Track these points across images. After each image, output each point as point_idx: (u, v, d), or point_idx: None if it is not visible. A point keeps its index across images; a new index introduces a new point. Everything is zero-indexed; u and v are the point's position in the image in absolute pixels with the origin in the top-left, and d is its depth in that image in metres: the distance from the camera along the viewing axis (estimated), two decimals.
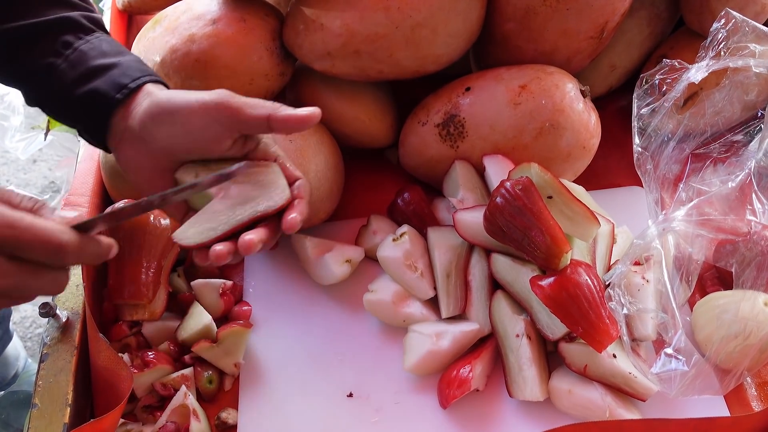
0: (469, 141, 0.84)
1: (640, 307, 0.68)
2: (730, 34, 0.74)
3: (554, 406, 0.74)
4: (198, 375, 0.76)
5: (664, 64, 0.80)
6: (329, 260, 0.82)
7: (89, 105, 0.66)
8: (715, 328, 0.72)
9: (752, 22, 0.74)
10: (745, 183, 0.69)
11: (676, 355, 0.66)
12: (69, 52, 0.67)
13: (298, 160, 0.81)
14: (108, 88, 0.66)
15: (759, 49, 0.73)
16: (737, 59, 0.72)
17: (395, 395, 0.76)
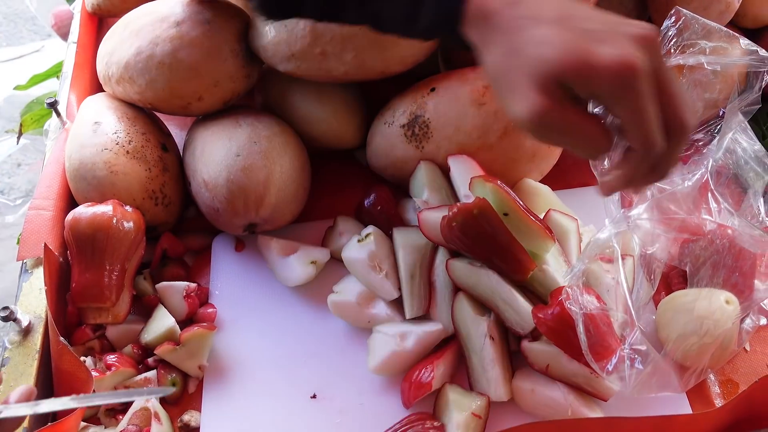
0: (434, 141, 0.84)
1: (598, 305, 0.68)
2: (680, 31, 0.74)
3: (518, 405, 0.74)
4: (161, 378, 0.76)
5: None
6: (294, 261, 0.82)
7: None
8: (674, 326, 0.72)
9: (702, 19, 0.74)
10: (701, 182, 0.69)
11: (632, 354, 0.66)
12: None
13: (263, 161, 0.81)
14: None
15: (709, 45, 0.74)
16: (688, 56, 0.73)
17: (359, 396, 0.76)
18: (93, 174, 0.81)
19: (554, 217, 0.80)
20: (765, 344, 0.79)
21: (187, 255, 0.88)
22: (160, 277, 0.84)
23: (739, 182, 0.78)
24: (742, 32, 0.96)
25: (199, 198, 0.84)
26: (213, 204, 0.82)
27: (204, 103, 0.85)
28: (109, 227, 0.77)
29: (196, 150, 0.85)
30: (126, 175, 0.81)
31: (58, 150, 0.88)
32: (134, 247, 0.79)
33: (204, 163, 0.83)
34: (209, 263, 0.88)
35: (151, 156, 0.84)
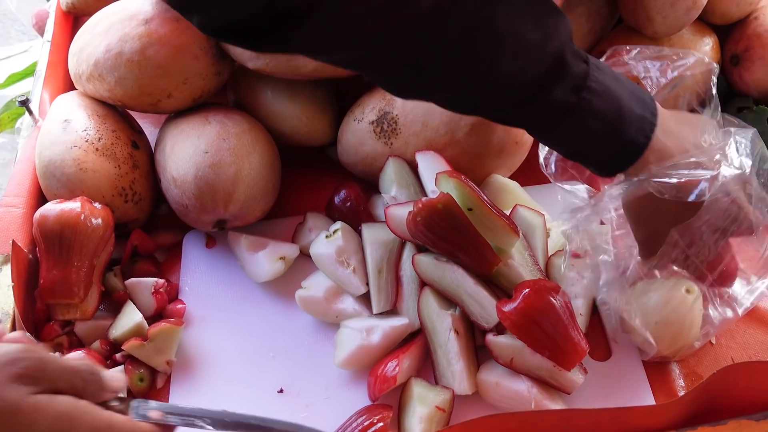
0: (402, 138, 0.85)
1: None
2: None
3: (482, 399, 0.75)
4: (129, 373, 0.77)
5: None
6: (263, 257, 0.83)
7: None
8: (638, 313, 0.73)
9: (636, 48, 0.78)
10: None
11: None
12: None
13: (231, 158, 0.82)
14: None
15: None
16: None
17: (326, 390, 0.77)
18: (62, 171, 0.81)
19: (521, 213, 0.81)
20: (730, 337, 0.79)
21: (159, 252, 0.89)
22: (130, 274, 0.84)
23: None
24: (711, 29, 0.97)
25: (169, 195, 0.85)
26: (182, 200, 0.82)
27: (174, 100, 0.85)
28: (77, 224, 0.77)
29: (166, 147, 0.86)
30: (95, 172, 0.82)
31: (29, 148, 0.89)
32: (103, 244, 0.80)
33: (173, 160, 0.83)
34: (178, 259, 0.88)
35: (121, 153, 0.85)
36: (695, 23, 0.94)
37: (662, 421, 0.67)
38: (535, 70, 0.63)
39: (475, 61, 0.62)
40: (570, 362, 0.71)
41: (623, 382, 0.76)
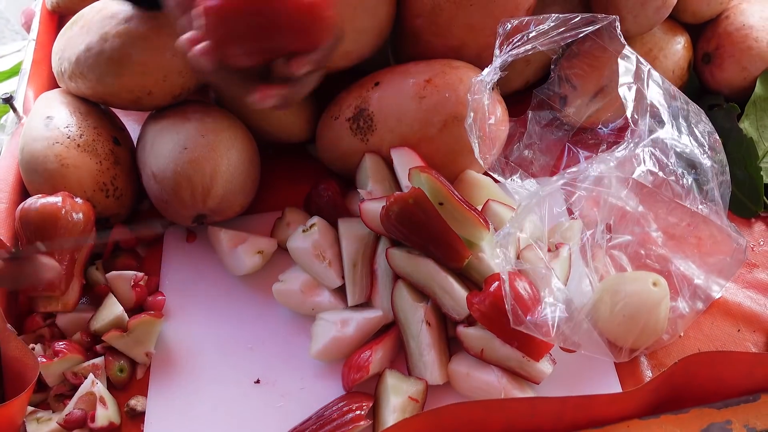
0: (378, 134, 0.87)
1: (525, 266, 0.71)
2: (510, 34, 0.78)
3: (454, 389, 0.77)
4: (109, 364, 0.79)
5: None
6: (241, 252, 0.84)
7: None
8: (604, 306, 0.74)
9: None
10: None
11: (554, 302, 0.68)
12: None
13: (209, 154, 0.83)
14: None
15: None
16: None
17: (301, 381, 0.79)
18: (44, 167, 0.83)
19: (493, 207, 0.83)
20: (697, 329, 0.81)
21: (140, 246, 0.91)
22: (112, 268, 0.86)
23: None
24: (683, 27, 0.99)
25: (150, 190, 0.86)
26: (162, 196, 0.84)
27: (154, 97, 0.87)
28: (58, 218, 0.79)
29: (147, 143, 0.87)
30: (77, 168, 0.83)
31: (13, 144, 0.91)
32: (84, 238, 0.81)
33: (153, 156, 0.85)
34: (159, 253, 0.90)
35: (102, 149, 0.86)
36: (667, 22, 0.96)
37: (625, 409, 0.69)
38: None
39: None
40: (538, 353, 0.73)
41: (592, 372, 0.78)
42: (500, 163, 0.80)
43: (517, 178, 0.77)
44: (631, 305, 0.73)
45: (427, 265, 0.77)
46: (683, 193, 0.72)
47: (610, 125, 0.88)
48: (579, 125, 0.90)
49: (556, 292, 0.70)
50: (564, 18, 0.76)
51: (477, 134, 0.78)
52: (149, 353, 0.80)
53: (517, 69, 0.99)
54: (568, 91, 0.93)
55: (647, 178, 0.69)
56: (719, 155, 0.76)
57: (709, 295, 0.80)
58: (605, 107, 0.89)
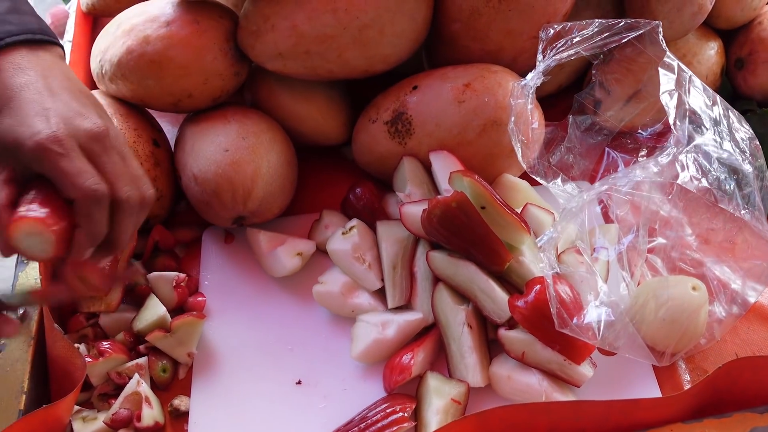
0: (416, 138, 0.87)
1: (569, 269, 0.72)
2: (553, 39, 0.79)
3: (495, 391, 0.77)
4: (152, 364, 0.79)
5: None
6: (281, 253, 0.85)
7: None
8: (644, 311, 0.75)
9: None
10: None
11: (601, 305, 0.69)
12: None
13: (250, 156, 0.84)
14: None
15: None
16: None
17: (342, 382, 0.79)
18: None
19: (531, 211, 0.83)
20: (734, 334, 0.82)
21: (178, 247, 0.91)
22: (151, 268, 0.87)
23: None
24: (716, 33, 0.99)
25: (190, 192, 0.87)
26: (202, 197, 0.85)
27: (194, 100, 0.88)
28: None
29: (186, 145, 0.88)
30: None
31: None
32: None
33: (194, 158, 0.86)
34: (199, 255, 0.91)
35: (143, 151, 0.87)
36: (700, 28, 0.97)
37: (669, 413, 0.70)
38: None
39: None
40: (580, 356, 0.73)
41: (631, 376, 0.78)
42: (543, 166, 0.80)
43: (558, 182, 0.78)
44: (672, 310, 0.74)
45: (468, 268, 0.78)
46: (726, 198, 0.73)
47: (648, 130, 0.89)
48: (617, 130, 0.90)
49: (602, 296, 0.70)
50: (607, 23, 0.77)
51: (519, 138, 0.79)
52: (191, 353, 0.80)
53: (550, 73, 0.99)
54: (603, 95, 0.94)
55: (691, 183, 0.69)
56: (759, 161, 0.76)
57: (746, 300, 0.81)
58: (643, 112, 0.89)
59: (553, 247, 0.71)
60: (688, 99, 0.71)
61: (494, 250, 0.77)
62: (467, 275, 0.78)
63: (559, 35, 0.78)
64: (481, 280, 0.77)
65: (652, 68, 0.87)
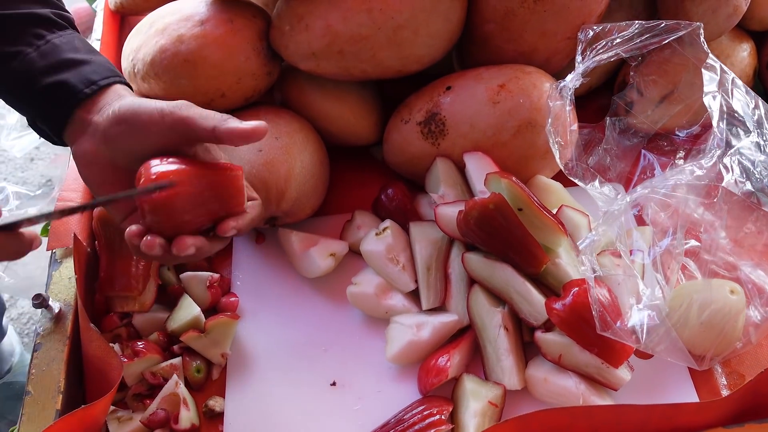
0: (449, 138, 0.87)
1: (616, 273, 0.71)
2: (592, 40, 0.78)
3: (531, 394, 0.77)
4: (186, 364, 0.79)
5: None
6: (314, 254, 0.85)
7: (55, 95, 0.68)
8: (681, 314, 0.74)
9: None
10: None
11: (646, 309, 0.68)
12: (41, 43, 0.69)
13: (284, 156, 0.84)
14: (77, 82, 0.68)
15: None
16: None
17: (377, 384, 0.79)
18: None
19: (566, 213, 0.83)
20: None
21: None
22: (183, 268, 0.87)
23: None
24: (748, 35, 0.99)
25: None
26: None
27: (226, 99, 0.88)
28: None
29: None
30: None
31: None
32: None
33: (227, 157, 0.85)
34: (230, 255, 0.90)
35: None
36: (733, 29, 0.96)
37: (710, 418, 0.69)
38: None
39: None
40: (618, 359, 0.73)
41: (667, 379, 0.78)
42: (580, 168, 0.80)
43: (596, 184, 0.77)
44: (711, 313, 0.73)
45: (504, 270, 0.77)
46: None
47: (685, 132, 0.88)
48: (653, 132, 0.89)
49: (645, 299, 0.69)
50: (648, 25, 0.76)
51: (556, 140, 0.78)
52: (225, 354, 0.80)
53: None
54: (635, 97, 0.93)
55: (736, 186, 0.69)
56: None
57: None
58: (680, 114, 0.89)
59: (594, 250, 0.71)
60: (731, 101, 0.71)
61: (531, 252, 0.76)
62: (503, 277, 0.77)
63: (599, 37, 0.77)
64: (518, 282, 0.77)
65: (688, 70, 0.87)
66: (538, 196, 0.85)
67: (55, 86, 0.68)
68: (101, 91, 0.69)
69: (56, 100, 0.69)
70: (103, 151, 0.67)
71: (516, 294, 0.77)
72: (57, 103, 0.69)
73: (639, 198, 0.71)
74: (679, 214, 0.75)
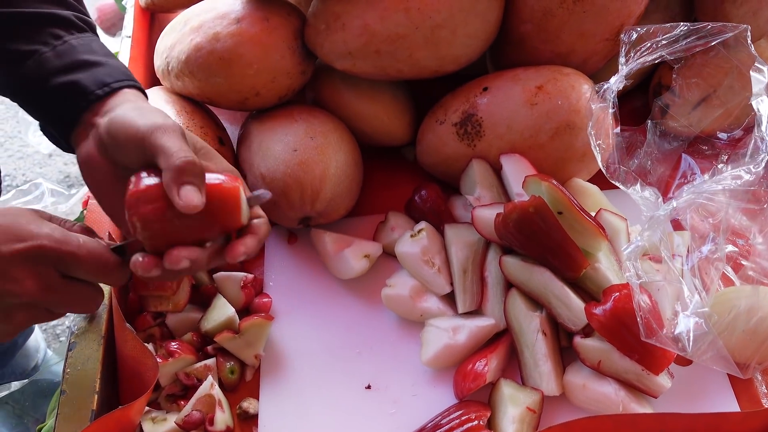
0: (486, 140, 0.86)
1: (658, 279, 0.70)
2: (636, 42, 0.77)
3: (569, 400, 0.76)
4: (220, 365, 0.78)
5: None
6: (348, 255, 0.84)
7: (66, 95, 0.67)
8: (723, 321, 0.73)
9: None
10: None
11: (694, 317, 0.67)
12: (58, 43, 0.69)
13: (319, 156, 0.83)
14: (89, 83, 0.67)
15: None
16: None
17: (412, 387, 0.78)
18: None
19: (605, 217, 0.82)
20: None
21: None
22: (215, 268, 0.86)
23: None
24: None
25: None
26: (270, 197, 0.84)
27: (261, 98, 0.87)
28: None
29: (253, 144, 0.87)
30: None
31: None
32: None
33: (261, 157, 0.85)
34: (261, 255, 0.90)
35: None
36: None
37: (755, 427, 0.68)
38: None
39: None
40: (659, 366, 0.72)
41: (707, 387, 0.77)
42: (622, 171, 0.78)
43: (637, 188, 0.76)
44: (758, 321, 0.72)
45: (543, 274, 0.76)
46: None
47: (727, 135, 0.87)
48: (694, 135, 0.88)
49: (693, 306, 0.68)
50: (693, 27, 0.75)
51: (597, 143, 0.77)
52: (258, 355, 0.79)
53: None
54: (671, 99, 0.92)
55: None
56: None
57: None
58: (721, 117, 0.87)
59: (638, 255, 0.70)
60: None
61: (571, 257, 0.75)
62: (541, 281, 0.76)
63: (642, 39, 0.76)
64: (556, 287, 0.76)
65: (730, 73, 0.86)
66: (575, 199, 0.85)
67: (67, 86, 0.67)
68: (112, 94, 0.67)
69: (67, 100, 0.67)
70: (102, 157, 0.65)
71: (554, 298, 0.76)
72: (68, 103, 0.67)
73: (687, 202, 0.70)
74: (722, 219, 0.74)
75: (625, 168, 0.76)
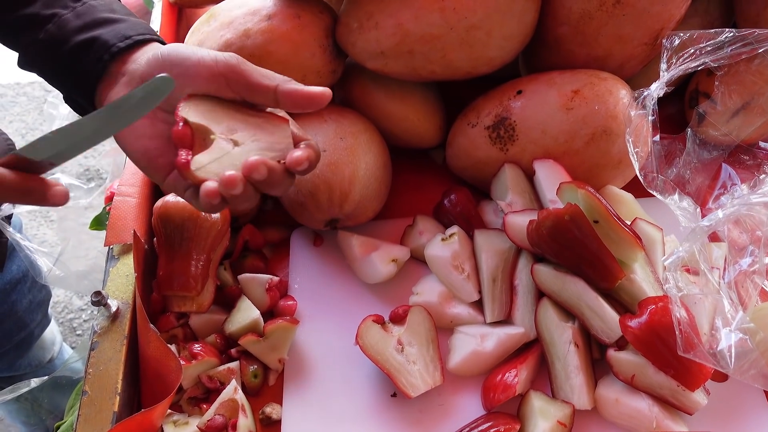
0: (519, 144, 0.84)
1: (696, 291, 0.68)
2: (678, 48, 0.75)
3: (600, 414, 0.74)
4: (244, 369, 0.77)
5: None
6: (376, 259, 0.82)
7: (87, 51, 0.66)
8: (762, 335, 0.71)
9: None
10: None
11: (739, 333, 0.65)
12: (78, 5, 0.68)
13: (348, 158, 0.81)
14: (110, 37, 0.66)
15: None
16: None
17: (438, 396, 0.76)
18: None
19: (641, 226, 0.80)
20: None
21: (266, 247, 0.89)
22: (239, 269, 0.84)
23: None
24: None
25: None
26: (297, 198, 0.82)
27: None
28: (198, 217, 0.77)
29: None
30: None
31: None
32: (220, 238, 0.80)
33: None
34: (287, 256, 0.88)
35: None
36: None
37: None
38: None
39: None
40: (695, 382, 0.70)
41: (743, 404, 0.75)
42: (661, 180, 0.76)
43: (675, 198, 0.74)
44: None
45: (576, 284, 0.74)
46: None
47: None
48: (735, 144, 0.86)
49: (737, 321, 0.66)
50: (739, 33, 0.73)
51: (635, 150, 0.75)
52: (282, 359, 0.78)
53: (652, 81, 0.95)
54: (708, 107, 0.90)
55: None
56: None
57: None
58: (763, 126, 0.85)
59: (679, 267, 0.67)
60: None
61: (606, 267, 0.73)
62: (575, 291, 0.74)
63: (684, 45, 0.74)
64: (590, 297, 0.74)
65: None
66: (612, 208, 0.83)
67: (87, 42, 0.66)
68: (137, 46, 0.66)
69: (89, 56, 0.66)
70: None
71: (588, 309, 0.74)
72: (90, 57, 0.66)
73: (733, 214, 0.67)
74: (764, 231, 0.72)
75: (664, 177, 0.74)
